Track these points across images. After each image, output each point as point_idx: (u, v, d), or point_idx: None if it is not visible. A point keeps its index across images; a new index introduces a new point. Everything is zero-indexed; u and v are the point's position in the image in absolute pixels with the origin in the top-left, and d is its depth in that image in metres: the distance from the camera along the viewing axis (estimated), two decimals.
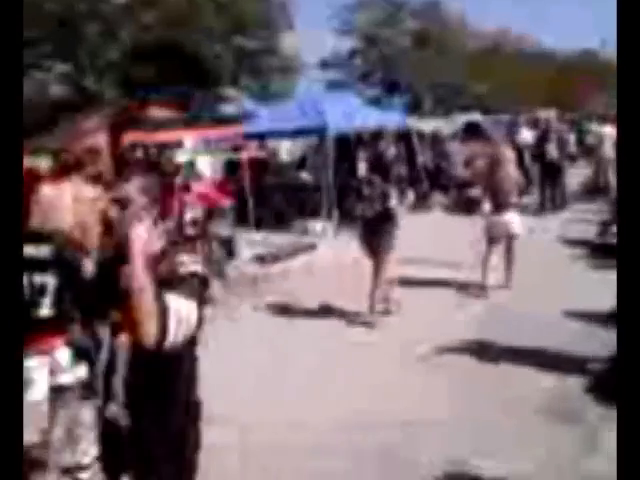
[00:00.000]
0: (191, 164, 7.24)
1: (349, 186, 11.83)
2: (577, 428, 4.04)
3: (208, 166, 8.79)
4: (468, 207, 12.35)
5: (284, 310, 7.01)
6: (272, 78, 19.36)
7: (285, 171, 14.34)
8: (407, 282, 7.25)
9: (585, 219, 10.49)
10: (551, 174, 12.08)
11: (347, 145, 13.10)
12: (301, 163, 14.86)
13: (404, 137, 13.93)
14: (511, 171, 7.13)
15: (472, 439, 3.95)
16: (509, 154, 7.38)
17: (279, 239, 10.31)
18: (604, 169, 12.70)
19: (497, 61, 26.28)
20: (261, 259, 9.25)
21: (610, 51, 44.25)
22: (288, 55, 19.71)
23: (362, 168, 12.11)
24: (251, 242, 10.02)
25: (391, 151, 13.31)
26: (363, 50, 26.62)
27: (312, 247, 9.77)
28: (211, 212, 7.87)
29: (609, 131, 12.14)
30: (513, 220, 7.03)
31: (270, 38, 18.46)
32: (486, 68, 25.37)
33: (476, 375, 4.96)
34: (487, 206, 7.11)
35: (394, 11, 25.56)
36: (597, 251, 8.47)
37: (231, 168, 11.93)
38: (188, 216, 6.58)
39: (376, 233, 6.13)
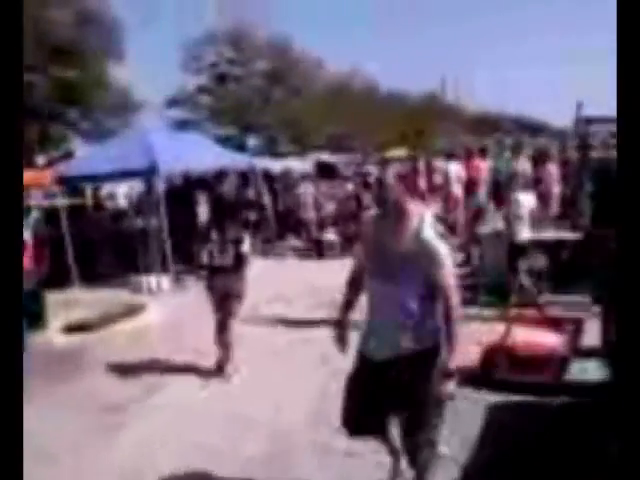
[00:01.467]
0: None
1: (190, 232, 10.64)
2: None
3: None
4: (321, 251, 11.60)
5: (104, 393, 5.48)
6: (105, 115, 17.62)
7: (121, 218, 12.76)
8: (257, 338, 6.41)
9: None
10: None
11: (188, 187, 11.92)
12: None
13: (252, 178, 13.02)
14: None
15: None
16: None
17: (106, 299, 8.71)
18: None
19: (348, 101, 26.60)
20: (77, 328, 7.61)
21: (450, 92, 47.58)
22: (121, 90, 18.05)
23: (203, 212, 10.97)
24: (68, 305, 8.39)
25: (238, 193, 12.43)
26: (212, 88, 25.64)
27: (142, 307, 8.29)
28: None
29: (454, 168, 11.86)
30: None
31: (96, 69, 16.64)
32: (338, 108, 25.51)
33: None
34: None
35: (242, 48, 24.92)
36: None
37: (47, 219, 10.26)
38: None
39: (227, 282, 5.53)
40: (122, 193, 14.77)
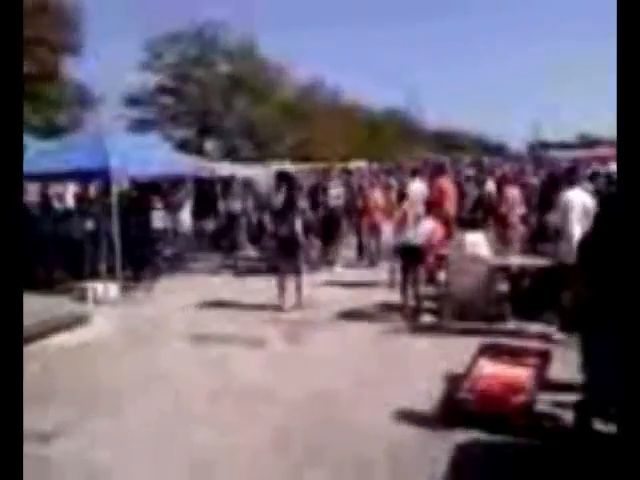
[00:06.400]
0: None
1: (143, 238, 10.15)
2: None
3: None
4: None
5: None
6: (57, 110, 16.70)
7: (66, 219, 12.02)
8: None
9: None
10: None
11: (142, 191, 11.36)
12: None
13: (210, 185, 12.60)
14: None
15: None
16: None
17: (40, 308, 7.49)
18: None
19: (311, 110, 26.33)
20: None
21: (414, 109, 47.98)
22: (76, 84, 17.15)
23: (158, 218, 10.48)
24: None
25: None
26: (174, 88, 24.94)
27: (83, 319, 7.64)
28: None
29: (418, 187, 11.16)
30: None
31: (50, 62, 15.70)
32: (300, 117, 25.21)
33: None
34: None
35: (206, 50, 24.29)
36: None
37: None
38: None
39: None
40: (71, 193, 14.00)
